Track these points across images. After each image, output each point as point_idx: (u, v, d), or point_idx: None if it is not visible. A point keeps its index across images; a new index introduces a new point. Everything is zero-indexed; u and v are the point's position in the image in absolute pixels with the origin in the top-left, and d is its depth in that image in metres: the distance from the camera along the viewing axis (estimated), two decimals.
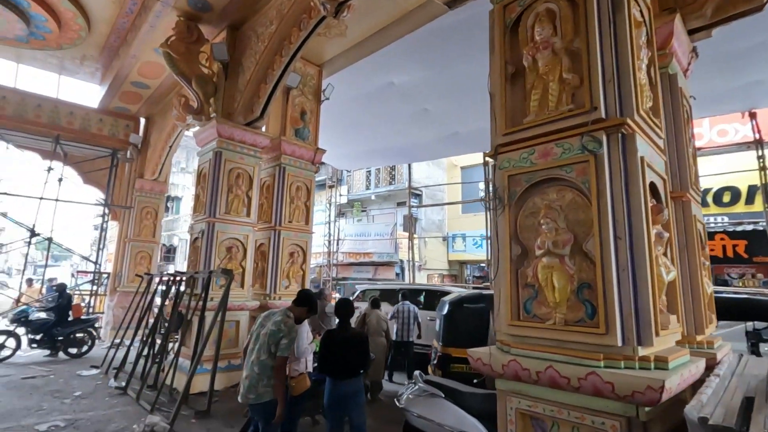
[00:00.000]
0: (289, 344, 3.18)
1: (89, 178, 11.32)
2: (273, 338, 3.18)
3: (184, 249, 25.27)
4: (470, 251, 17.39)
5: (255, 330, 3.41)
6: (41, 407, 5.24)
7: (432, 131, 11.14)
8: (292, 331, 3.22)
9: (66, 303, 8.36)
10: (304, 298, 3.57)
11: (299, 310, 3.48)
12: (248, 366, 3.32)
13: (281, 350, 3.13)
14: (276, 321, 3.26)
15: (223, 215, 6.83)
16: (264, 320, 3.40)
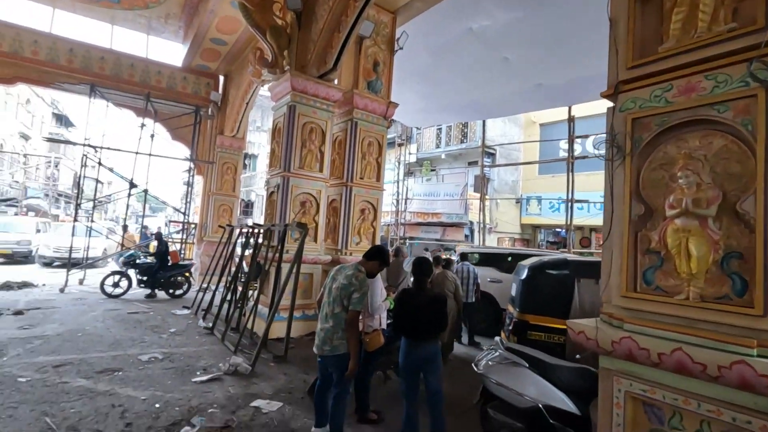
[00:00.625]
0: (361, 298, 3.12)
1: (176, 134, 12.08)
2: (345, 292, 3.15)
3: (260, 204, 26.79)
4: (545, 215, 16.38)
5: (327, 284, 3.39)
6: (143, 339, 5.84)
7: (512, 84, 10.23)
8: (363, 285, 3.16)
9: (165, 249, 9.19)
10: (374, 253, 3.46)
11: (370, 264, 3.39)
12: (323, 319, 3.32)
13: (353, 304, 3.09)
14: (347, 275, 3.21)
15: (297, 170, 6.88)
16: (336, 274, 3.36)
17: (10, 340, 5.41)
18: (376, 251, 3.48)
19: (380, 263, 3.43)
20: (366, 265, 3.37)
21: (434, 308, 3.15)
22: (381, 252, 3.49)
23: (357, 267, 3.30)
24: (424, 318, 3.12)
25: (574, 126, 11.95)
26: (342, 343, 3.15)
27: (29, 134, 33.12)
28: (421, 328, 3.12)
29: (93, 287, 10.04)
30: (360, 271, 3.27)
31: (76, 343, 5.49)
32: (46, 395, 3.79)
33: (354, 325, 3.11)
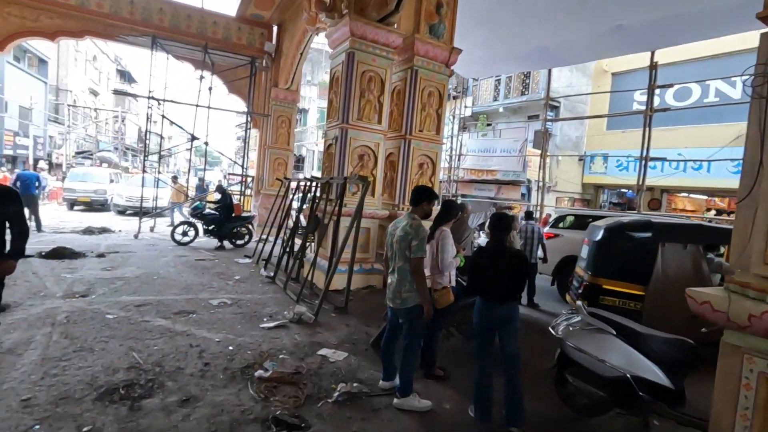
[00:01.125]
0: (420, 245, 3.05)
1: (233, 87, 12.15)
2: (404, 243, 3.10)
3: (311, 159, 27.11)
4: (611, 174, 15.20)
5: (388, 240, 3.37)
6: (211, 285, 6.14)
7: (587, 26, 9.17)
8: (420, 231, 3.08)
9: (229, 202, 9.48)
10: (418, 194, 3.32)
11: (420, 208, 3.30)
12: (391, 274, 3.30)
13: (414, 252, 3.04)
14: (402, 226, 3.16)
15: (356, 122, 6.66)
16: (392, 229, 3.33)
17: (97, 280, 5.87)
18: (417, 192, 3.35)
19: (428, 201, 3.32)
20: (416, 210, 3.30)
21: (514, 268, 2.93)
22: (425, 191, 3.36)
23: (410, 215, 3.23)
24: (503, 277, 2.92)
25: (656, 74, 10.65)
26: (410, 296, 3.11)
27: (97, 90, 35.10)
28: (499, 289, 2.93)
29: (163, 234, 10.71)
30: (414, 218, 3.20)
31: (152, 285, 5.86)
32: (131, 332, 4.06)
33: (419, 271, 3.06)
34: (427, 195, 3.32)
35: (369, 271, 6.83)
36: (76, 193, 14.85)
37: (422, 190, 3.35)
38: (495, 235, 3.03)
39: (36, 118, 25.22)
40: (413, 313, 3.12)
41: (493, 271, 2.94)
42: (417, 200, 3.31)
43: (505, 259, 2.94)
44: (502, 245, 2.99)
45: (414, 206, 3.31)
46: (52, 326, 4.05)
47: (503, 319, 2.94)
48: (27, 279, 5.65)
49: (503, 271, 2.91)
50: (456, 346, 4.54)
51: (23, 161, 23.65)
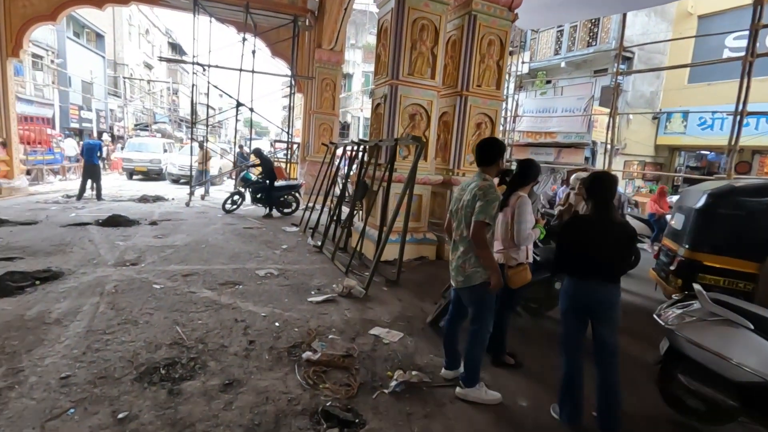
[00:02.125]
0: (486, 207, 2.49)
1: (276, 50, 11.73)
2: (470, 208, 2.56)
3: (356, 126, 26.60)
4: (692, 134, 13.44)
5: (453, 206, 2.80)
6: (258, 254, 5.94)
7: None
8: (489, 192, 2.52)
9: (270, 166, 9.23)
10: (487, 149, 2.68)
11: (493, 167, 2.69)
12: (453, 247, 2.78)
13: (476, 214, 2.50)
14: (470, 188, 2.64)
15: (407, 77, 6.01)
16: (459, 193, 2.76)
17: (148, 247, 5.84)
18: (487, 146, 2.69)
19: (502, 157, 2.71)
20: (489, 170, 2.69)
21: (620, 241, 2.31)
22: (496, 145, 2.71)
23: (480, 176, 2.67)
24: (605, 252, 2.32)
25: (761, 12, 8.92)
26: (476, 272, 2.59)
27: (151, 63, 36.21)
28: (600, 265, 2.33)
29: (213, 202, 10.80)
30: (484, 179, 2.63)
31: (200, 253, 5.74)
32: (176, 304, 3.89)
33: (480, 237, 2.50)
34: (500, 149, 2.70)
35: (421, 241, 6.36)
36: (134, 162, 15.40)
37: (493, 144, 2.70)
38: (597, 200, 2.40)
39: (97, 92, 26.44)
40: (480, 293, 2.61)
41: (595, 245, 2.34)
42: (488, 157, 2.67)
43: (612, 231, 2.32)
44: (607, 212, 2.36)
45: (484, 165, 2.68)
46: (101, 296, 3.96)
47: (603, 304, 2.36)
48: (83, 246, 5.71)
49: (609, 245, 2.31)
50: (524, 326, 4.02)
51: (89, 134, 25.07)
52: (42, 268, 4.55)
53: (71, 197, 9.84)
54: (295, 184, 9.82)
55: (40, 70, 21.67)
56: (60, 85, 22.29)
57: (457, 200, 2.76)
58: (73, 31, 24.71)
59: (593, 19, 13.86)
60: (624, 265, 2.37)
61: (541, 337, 3.82)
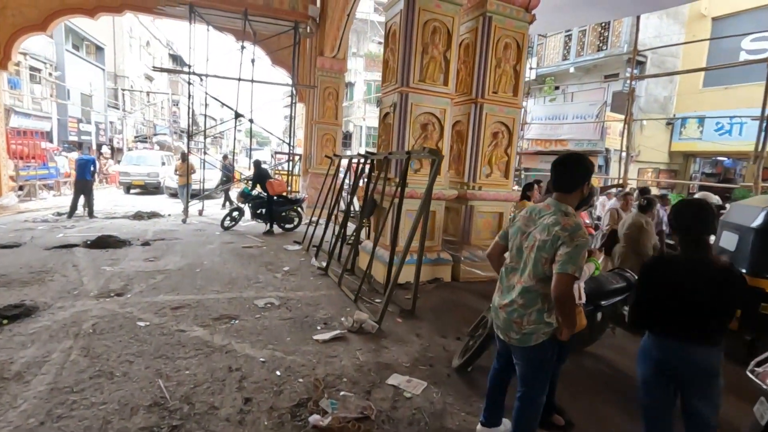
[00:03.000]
0: (575, 254, 1.86)
1: (276, 58, 11.32)
2: (548, 250, 1.95)
3: (358, 135, 26.19)
4: (709, 139, 12.93)
5: (514, 236, 2.17)
6: (258, 279, 5.41)
7: None
8: (576, 236, 1.88)
9: (259, 179, 8.69)
10: (571, 170, 2.05)
11: (576, 194, 2.05)
12: (506, 290, 2.17)
13: (562, 264, 1.86)
14: (547, 224, 1.97)
15: (418, 83, 5.53)
16: (526, 223, 2.12)
17: (136, 274, 5.32)
18: (572, 166, 2.06)
19: (588, 181, 2.06)
20: (571, 199, 2.05)
21: (721, 290, 1.78)
22: (582, 164, 2.06)
23: (559, 207, 2.01)
24: (702, 304, 1.78)
25: None
26: (539, 329, 2.03)
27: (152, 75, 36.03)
28: (695, 321, 1.80)
29: (211, 217, 10.31)
30: (567, 213, 1.98)
31: (194, 279, 5.22)
32: (162, 347, 3.36)
33: (567, 294, 1.88)
34: (586, 170, 2.06)
35: (435, 262, 5.83)
36: (131, 176, 14.97)
37: (578, 162, 2.06)
38: (688, 235, 1.86)
39: (96, 105, 26.14)
40: (539, 355, 2.06)
41: (689, 294, 1.80)
42: (570, 181, 2.04)
43: (710, 276, 1.79)
44: (702, 254, 1.83)
45: (563, 191, 2.05)
46: (75, 338, 3.43)
47: (700, 372, 1.81)
48: (65, 273, 5.19)
49: (707, 295, 1.77)
50: (567, 371, 3.46)
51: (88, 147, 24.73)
52: (14, 303, 4.04)
53: (62, 215, 9.36)
54: (297, 199, 9.32)
55: (38, 83, 21.39)
56: (58, 98, 21.99)
57: (519, 231, 2.13)
58: (72, 43, 24.49)
59: (603, 23, 13.45)
60: (727, 320, 1.83)
61: (586, 382, 3.27)
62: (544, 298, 2.01)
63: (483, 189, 6.15)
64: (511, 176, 6.48)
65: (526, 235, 2.09)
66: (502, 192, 6.28)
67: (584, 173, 2.05)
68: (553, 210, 2.02)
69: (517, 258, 2.13)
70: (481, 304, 5.00)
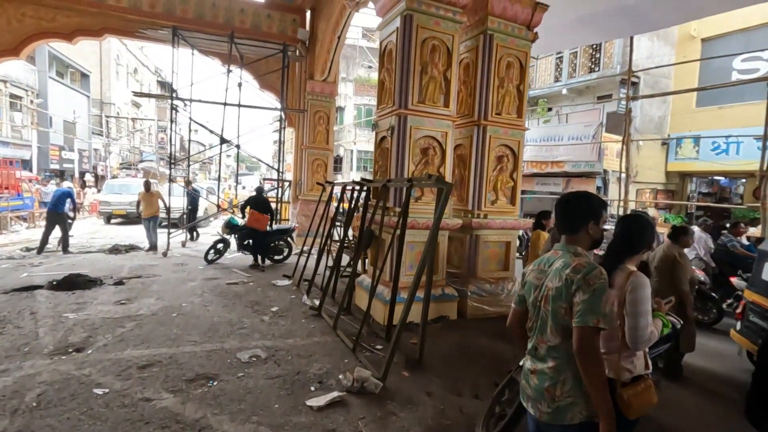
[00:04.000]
0: (595, 302, 1.50)
1: (264, 82, 10.95)
2: (563, 300, 1.58)
3: (349, 159, 25.89)
4: (706, 159, 12.77)
5: (528, 294, 1.79)
6: (242, 324, 4.80)
7: None
8: (592, 277, 1.52)
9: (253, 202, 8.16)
10: (573, 207, 1.75)
11: (582, 235, 1.71)
12: (532, 353, 1.75)
13: (581, 316, 1.50)
14: (558, 269, 1.63)
15: (417, 105, 5.12)
16: (537, 276, 1.76)
17: (104, 321, 4.68)
18: (574, 203, 1.76)
19: (595, 220, 1.70)
20: (579, 240, 1.71)
21: None
22: (587, 200, 1.75)
23: (567, 249, 1.70)
24: None
25: None
26: (574, 405, 1.58)
27: (139, 102, 35.69)
28: None
29: (195, 249, 9.68)
30: (577, 253, 1.66)
31: (169, 327, 4.58)
32: (120, 425, 2.73)
33: (590, 350, 1.50)
34: (592, 208, 1.73)
35: (440, 298, 5.30)
36: (111, 205, 14.28)
37: (580, 200, 1.76)
38: None
39: (80, 132, 25.53)
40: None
41: None
42: (572, 220, 1.73)
43: None
44: None
45: (569, 232, 1.74)
46: (12, 416, 2.79)
47: None
48: (20, 324, 4.53)
49: None
50: None
51: (71, 175, 23.98)
52: None
53: (31, 250, 8.66)
54: (287, 228, 8.76)
55: (18, 111, 20.81)
56: (40, 126, 21.38)
57: (533, 287, 1.75)
58: (57, 71, 24.08)
59: (594, 45, 13.44)
60: None
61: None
62: (572, 359, 1.57)
63: (489, 217, 5.68)
64: (518, 202, 6.04)
65: (539, 288, 1.72)
66: (509, 219, 5.82)
67: (588, 212, 1.72)
68: (562, 254, 1.71)
69: (535, 316, 1.74)
70: (495, 347, 4.46)
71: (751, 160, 11.73)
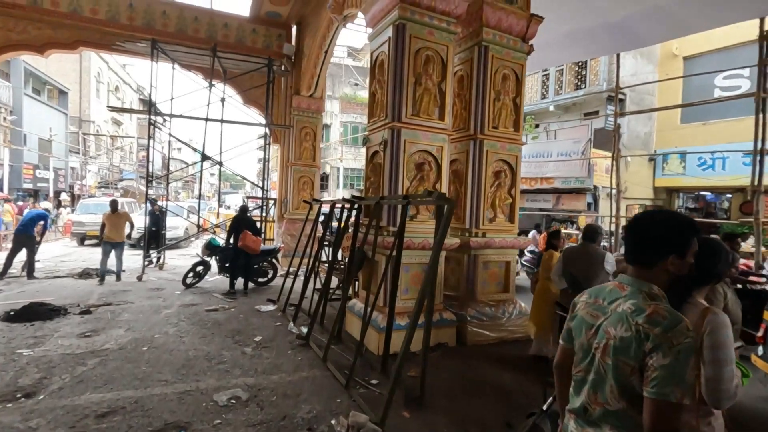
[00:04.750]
0: (680, 369, 1.12)
1: (248, 97, 10.61)
2: (629, 355, 1.20)
3: (335, 177, 25.56)
4: (692, 174, 12.84)
5: (577, 332, 1.42)
6: (221, 358, 4.32)
7: None
8: (676, 334, 1.14)
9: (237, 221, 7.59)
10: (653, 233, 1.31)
11: (660, 269, 1.30)
12: (581, 416, 1.36)
13: (659, 387, 1.13)
14: (623, 314, 1.25)
15: (411, 118, 4.84)
16: (591, 313, 1.38)
17: (62, 359, 4.14)
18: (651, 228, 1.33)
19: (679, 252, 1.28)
20: (654, 275, 1.30)
21: None
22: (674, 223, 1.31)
23: (639, 287, 1.30)
24: None
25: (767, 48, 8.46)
26: None
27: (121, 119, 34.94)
28: None
29: (173, 272, 9.12)
30: (652, 296, 1.27)
31: (137, 364, 4.08)
32: None
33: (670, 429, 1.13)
34: (676, 236, 1.29)
35: (437, 324, 4.91)
36: (85, 226, 13.57)
37: (663, 222, 1.32)
38: None
39: (57, 150, 24.67)
40: None
41: None
42: (650, 249, 1.32)
43: None
44: None
45: (640, 264, 1.33)
46: None
47: None
48: None
49: None
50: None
51: (45, 194, 23.04)
52: None
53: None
54: (272, 249, 8.30)
55: None
56: (13, 144, 20.54)
57: (585, 325, 1.37)
58: (33, 87, 23.37)
59: (580, 62, 13.56)
60: None
61: None
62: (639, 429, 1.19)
63: (488, 235, 5.37)
64: (516, 219, 5.76)
65: (594, 329, 1.34)
66: (508, 238, 5.51)
67: (670, 240, 1.29)
68: (630, 291, 1.30)
69: (587, 365, 1.35)
70: (501, 378, 4.09)
71: (737, 175, 11.84)
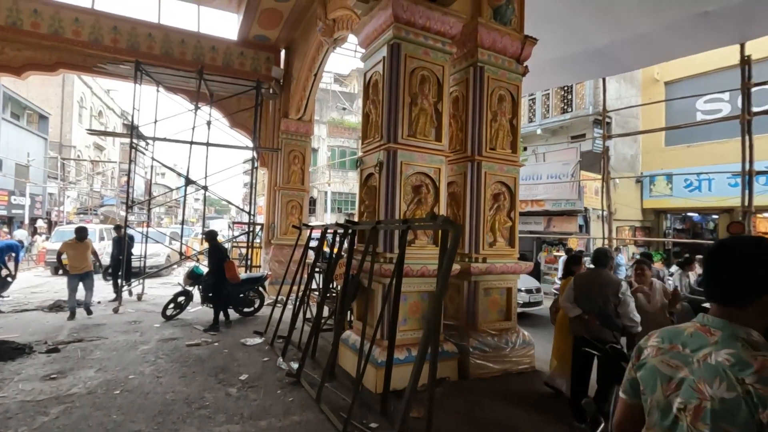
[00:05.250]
0: None
1: (235, 120, 10.40)
2: (739, 425, 0.91)
3: (323, 201, 25.29)
4: (679, 195, 12.97)
5: (649, 385, 1.14)
6: (203, 402, 3.90)
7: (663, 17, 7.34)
8: None
9: (216, 254, 7.12)
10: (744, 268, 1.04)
11: (749, 311, 1.04)
12: None
13: None
14: (720, 368, 0.96)
15: (407, 139, 4.65)
16: (668, 361, 1.10)
17: (21, 407, 3.67)
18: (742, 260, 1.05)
19: None
20: (751, 317, 1.04)
21: None
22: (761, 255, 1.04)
23: (736, 333, 1.02)
24: None
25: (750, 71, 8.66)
26: None
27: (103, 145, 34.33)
28: None
29: (152, 302, 8.60)
30: (754, 344, 0.99)
31: (108, 411, 3.63)
32: None
33: None
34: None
35: (439, 357, 4.56)
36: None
37: (754, 250, 1.05)
38: None
39: (34, 176, 23.92)
40: None
41: None
42: (741, 285, 1.05)
43: None
44: None
45: (731, 304, 1.07)
46: None
47: None
48: None
49: None
50: None
51: (20, 221, 22.17)
52: None
53: None
54: (259, 277, 7.90)
55: None
56: None
57: (661, 377, 1.10)
58: (12, 112, 22.81)
59: (566, 87, 13.79)
60: None
61: None
62: None
63: (488, 260, 5.12)
64: (517, 243, 5.54)
65: (674, 383, 1.07)
66: (509, 263, 5.28)
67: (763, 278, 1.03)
68: (722, 337, 1.04)
69: (667, 428, 1.06)
70: (510, 416, 3.77)
71: (724, 196, 12.00)
